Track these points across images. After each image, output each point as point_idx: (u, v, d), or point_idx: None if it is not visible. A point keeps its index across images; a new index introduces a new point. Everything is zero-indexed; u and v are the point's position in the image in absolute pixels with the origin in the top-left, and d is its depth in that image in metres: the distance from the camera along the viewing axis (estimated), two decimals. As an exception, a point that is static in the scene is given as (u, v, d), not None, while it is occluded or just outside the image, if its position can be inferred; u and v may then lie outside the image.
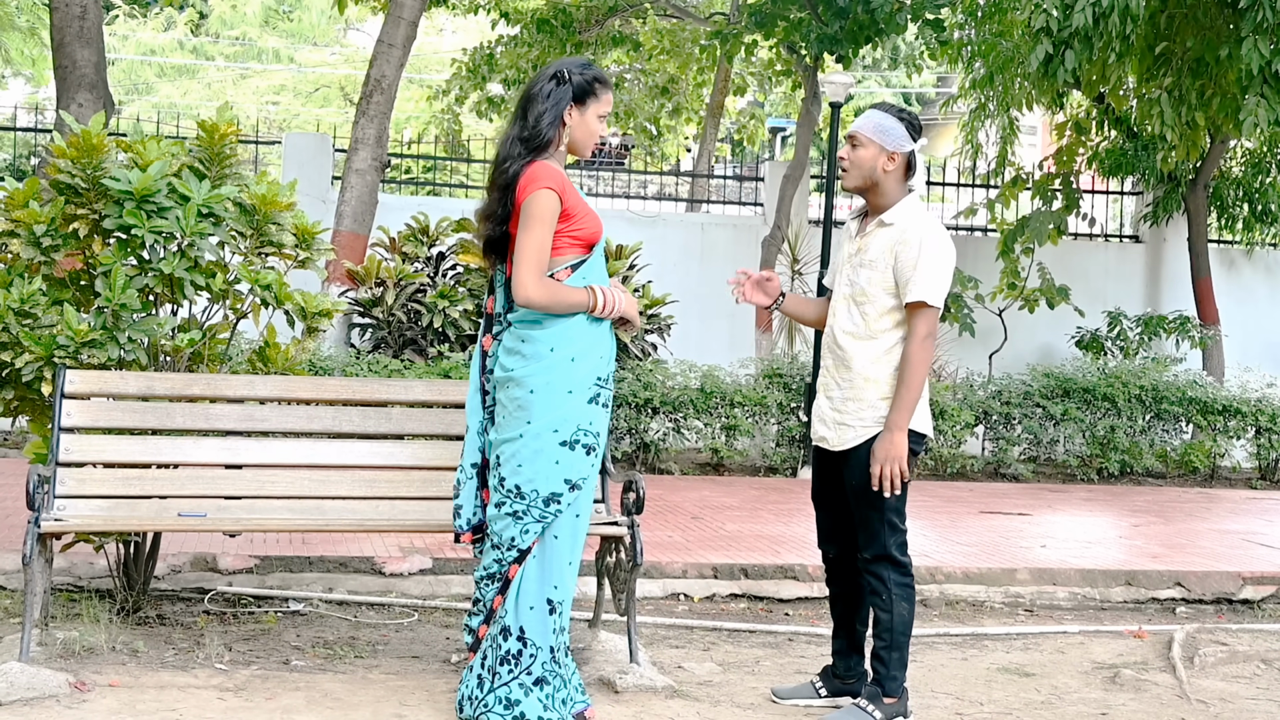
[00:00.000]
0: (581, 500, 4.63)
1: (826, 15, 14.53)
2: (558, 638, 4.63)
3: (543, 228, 4.55)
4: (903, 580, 4.95)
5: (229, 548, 7.06)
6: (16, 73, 28.87)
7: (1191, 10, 11.86)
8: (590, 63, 4.82)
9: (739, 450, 12.25)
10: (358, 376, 10.41)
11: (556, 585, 4.61)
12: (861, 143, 4.96)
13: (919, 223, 4.90)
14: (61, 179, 5.70)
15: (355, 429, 5.80)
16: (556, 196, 4.55)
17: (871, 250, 4.95)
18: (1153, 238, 16.82)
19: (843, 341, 4.98)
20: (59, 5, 10.57)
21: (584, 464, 4.59)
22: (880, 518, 4.94)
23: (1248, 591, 7.84)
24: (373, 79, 12.53)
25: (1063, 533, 9.39)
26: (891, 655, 4.93)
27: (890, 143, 4.93)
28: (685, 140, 25.05)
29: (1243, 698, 5.73)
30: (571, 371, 4.58)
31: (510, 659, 4.61)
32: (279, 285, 5.95)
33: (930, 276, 4.83)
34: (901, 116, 4.96)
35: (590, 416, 4.61)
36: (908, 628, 4.95)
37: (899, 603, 4.93)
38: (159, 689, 5.06)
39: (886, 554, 4.94)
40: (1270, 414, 13.12)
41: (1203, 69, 12.05)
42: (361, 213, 12.35)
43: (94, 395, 5.53)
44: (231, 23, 37.41)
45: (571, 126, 4.67)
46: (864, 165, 4.96)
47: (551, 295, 4.56)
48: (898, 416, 4.82)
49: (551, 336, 4.60)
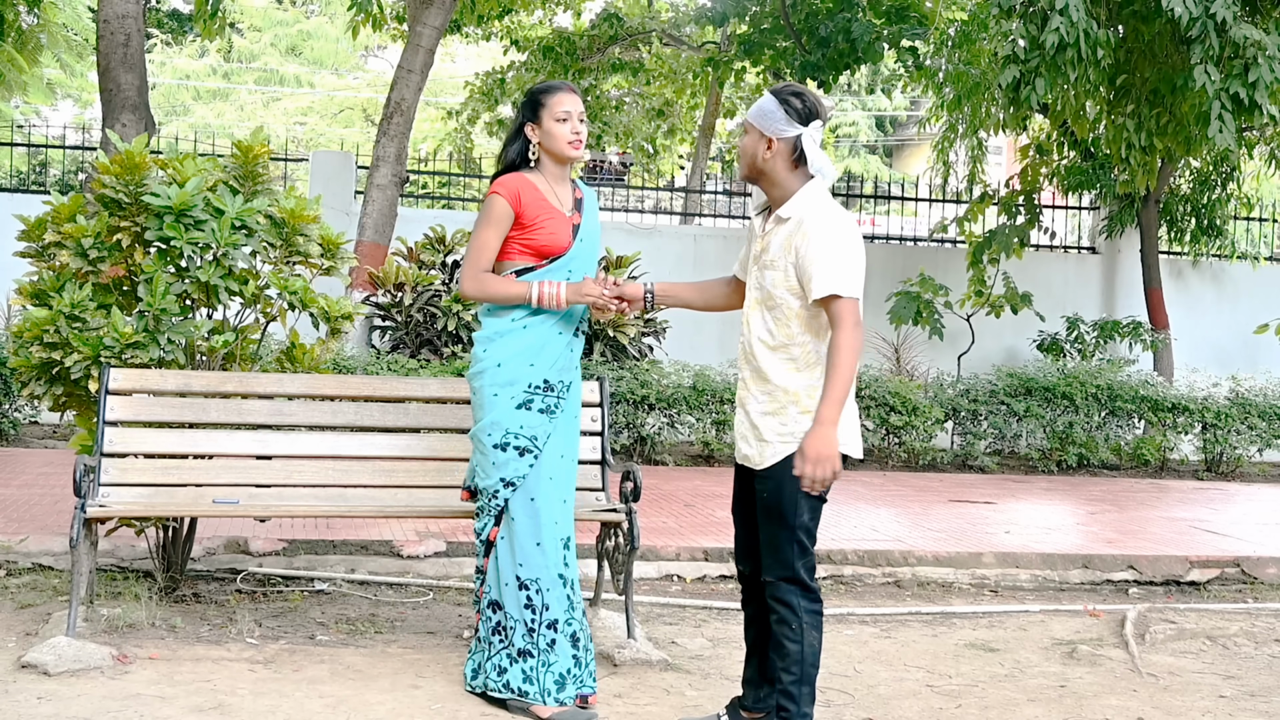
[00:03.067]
0: (536, 488, 4.59)
1: (810, 44, 14.56)
2: (539, 615, 4.58)
3: (486, 228, 4.60)
4: (812, 607, 4.16)
5: (259, 532, 7.06)
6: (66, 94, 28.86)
7: (1149, 45, 11.87)
8: (538, 84, 4.87)
9: (729, 443, 12.24)
10: (378, 375, 10.40)
11: (522, 564, 4.58)
12: (746, 129, 4.27)
13: (814, 212, 4.12)
14: (106, 194, 5.70)
15: (375, 423, 5.80)
16: (504, 202, 4.58)
17: (772, 249, 4.18)
18: (1108, 249, 16.81)
19: (756, 350, 4.21)
20: (105, 34, 10.56)
21: (519, 464, 4.58)
22: (790, 537, 4.13)
23: (1195, 574, 7.84)
24: (393, 102, 12.53)
25: (1025, 520, 9.39)
26: (802, 690, 4.14)
27: (768, 128, 4.16)
28: (679, 159, 25.03)
29: (1189, 671, 5.74)
30: (497, 375, 4.59)
31: (500, 630, 4.65)
32: (305, 291, 5.95)
33: (834, 266, 4.04)
34: (784, 99, 4.17)
35: (521, 421, 4.58)
36: (818, 659, 4.18)
37: (809, 631, 4.14)
38: (195, 661, 5.07)
39: (794, 575, 4.14)
40: (1215, 411, 13.12)
41: (1159, 99, 12.06)
42: (382, 224, 12.34)
43: (136, 391, 5.53)
44: (254, 54, 37.45)
45: (538, 139, 4.69)
46: (745, 153, 4.24)
47: (481, 288, 4.60)
48: (826, 409, 3.98)
49: (484, 338, 4.65)
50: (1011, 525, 9.01)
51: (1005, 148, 29.33)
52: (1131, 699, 5.25)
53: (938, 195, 16.89)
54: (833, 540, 7.87)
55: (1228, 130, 10.37)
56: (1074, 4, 10.33)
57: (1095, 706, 5.12)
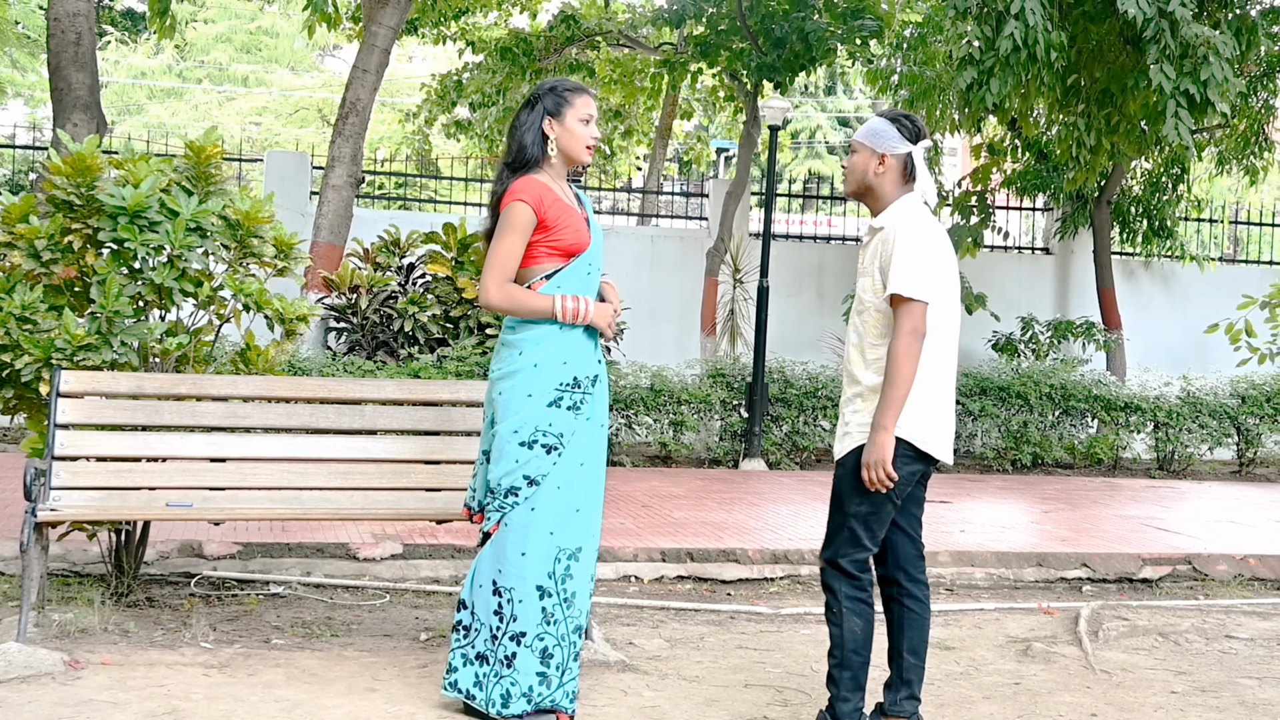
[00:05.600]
0: (540, 495, 4.49)
1: (766, 46, 14.58)
2: (505, 624, 4.48)
3: (511, 236, 4.50)
4: (855, 595, 4.34)
5: (214, 535, 7.01)
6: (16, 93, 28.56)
7: (1098, 46, 11.96)
8: (562, 80, 4.78)
9: (686, 444, 12.26)
10: (333, 376, 10.35)
11: (501, 570, 4.49)
12: (855, 148, 4.54)
13: (903, 219, 4.35)
14: (58, 194, 5.65)
15: (331, 425, 5.77)
16: (530, 209, 4.49)
17: (866, 257, 4.45)
18: (1061, 250, 16.95)
19: (850, 352, 4.49)
20: (55, 32, 10.46)
21: (544, 461, 4.50)
22: (843, 524, 4.35)
23: (1147, 571, 7.91)
24: (349, 102, 12.47)
25: (980, 519, 9.45)
26: (843, 675, 4.34)
27: (881, 145, 4.45)
28: (636, 160, 25.06)
29: (1142, 668, 5.79)
30: (533, 376, 4.51)
31: (460, 629, 4.59)
32: (260, 292, 5.92)
33: (904, 268, 4.24)
34: (896, 120, 4.49)
35: (550, 418, 4.50)
36: (861, 646, 4.34)
37: (850, 618, 4.33)
38: (148, 666, 5.02)
39: (837, 562, 4.35)
40: (1167, 410, 13.25)
41: (1108, 99, 12.16)
42: (338, 225, 12.28)
43: (88, 394, 5.48)
44: (207, 48, 37.17)
45: (556, 137, 4.62)
46: (856, 170, 4.51)
47: (509, 299, 4.51)
48: (881, 416, 4.19)
49: (521, 341, 4.55)
50: (967, 524, 9.06)
51: (960, 149, 29.50)
52: (1085, 695, 5.28)
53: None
54: (790, 540, 7.90)
55: (1183, 128, 10.47)
56: (1029, 6, 10.40)
57: (1049, 703, 5.15)
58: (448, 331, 11.57)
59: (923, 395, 4.31)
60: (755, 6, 14.72)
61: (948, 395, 4.45)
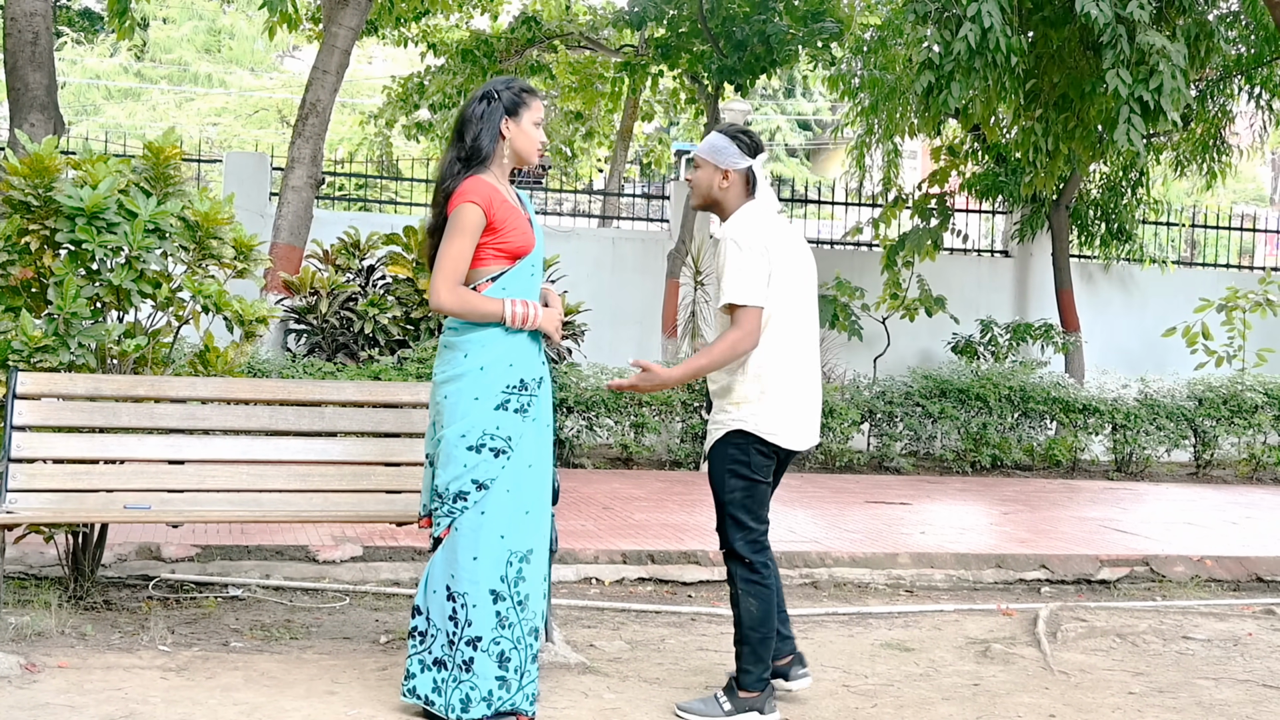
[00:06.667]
0: (489, 499, 4.47)
1: (727, 48, 14.61)
2: (461, 629, 4.47)
3: (462, 239, 4.48)
4: (749, 577, 4.72)
5: (172, 538, 6.96)
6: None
7: (1058, 51, 12.05)
8: (515, 78, 4.79)
9: (647, 446, 12.27)
10: (293, 378, 10.30)
11: (454, 575, 4.47)
12: (699, 164, 4.81)
13: (731, 230, 4.67)
14: (15, 195, 5.60)
15: (290, 427, 5.75)
16: (480, 210, 4.48)
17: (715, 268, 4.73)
18: (1020, 253, 17.06)
19: None
20: (12, 31, 10.36)
21: (492, 465, 4.48)
22: (724, 513, 4.74)
23: (1105, 573, 7.97)
24: (308, 103, 12.41)
25: (940, 520, 9.50)
26: (743, 650, 4.74)
27: (723, 161, 4.75)
28: (598, 162, 25.04)
29: (1100, 669, 5.83)
30: (479, 379, 4.49)
31: (416, 634, 4.58)
32: (219, 294, 5.89)
33: (731, 277, 4.59)
34: (735, 135, 4.78)
35: (497, 422, 4.48)
36: (758, 624, 4.72)
37: (745, 599, 4.71)
38: (106, 670, 4.99)
39: (733, 549, 4.73)
40: (1125, 413, 13.35)
41: (1067, 104, 12.25)
42: (297, 227, 12.21)
43: (44, 396, 5.44)
44: (168, 47, 36.90)
45: (511, 137, 4.62)
46: (701, 185, 4.81)
47: (461, 303, 4.49)
48: (681, 369, 4.64)
49: (466, 344, 4.52)
50: (927, 526, 9.11)
51: (920, 152, 29.64)
52: (1044, 696, 5.32)
53: (854, 199, 17.05)
54: (750, 542, 7.92)
55: (1136, 134, 10.56)
56: (987, 9, 10.46)
57: (1008, 704, 5.19)
58: (408, 333, 11.54)
59: (774, 391, 4.69)
60: (716, 9, 14.74)
61: (805, 388, 4.80)
